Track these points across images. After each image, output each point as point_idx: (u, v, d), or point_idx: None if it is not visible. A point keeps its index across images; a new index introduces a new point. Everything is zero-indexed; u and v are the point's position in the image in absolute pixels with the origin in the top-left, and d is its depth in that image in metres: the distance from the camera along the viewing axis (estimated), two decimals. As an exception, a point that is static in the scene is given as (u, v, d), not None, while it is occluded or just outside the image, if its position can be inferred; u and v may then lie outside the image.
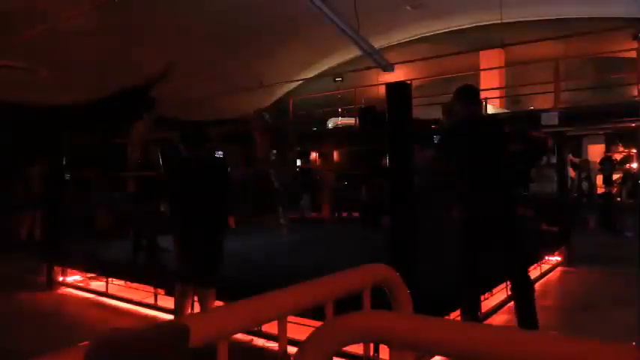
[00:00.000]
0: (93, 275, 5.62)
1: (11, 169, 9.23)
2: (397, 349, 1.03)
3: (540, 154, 4.05)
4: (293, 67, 13.15)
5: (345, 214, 11.07)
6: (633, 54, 8.50)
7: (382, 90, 4.04)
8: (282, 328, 1.26)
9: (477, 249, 3.20)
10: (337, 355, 1.06)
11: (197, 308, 3.69)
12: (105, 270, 5.30)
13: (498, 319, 4.13)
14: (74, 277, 5.69)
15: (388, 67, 10.57)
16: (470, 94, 3.36)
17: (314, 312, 1.36)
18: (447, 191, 3.60)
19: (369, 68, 11.54)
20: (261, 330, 3.58)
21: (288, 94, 13.73)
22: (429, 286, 3.24)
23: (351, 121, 12.06)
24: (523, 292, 3.10)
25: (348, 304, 1.34)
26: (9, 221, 8.97)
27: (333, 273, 1.42)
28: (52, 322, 4.36)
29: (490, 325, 1.06)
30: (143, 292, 4.81)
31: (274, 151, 6.67)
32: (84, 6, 6.95)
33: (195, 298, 3.63)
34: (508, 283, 4.34)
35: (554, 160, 7.53)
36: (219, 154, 7.06)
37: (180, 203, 3.59)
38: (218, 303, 3.60)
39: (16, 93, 9.15)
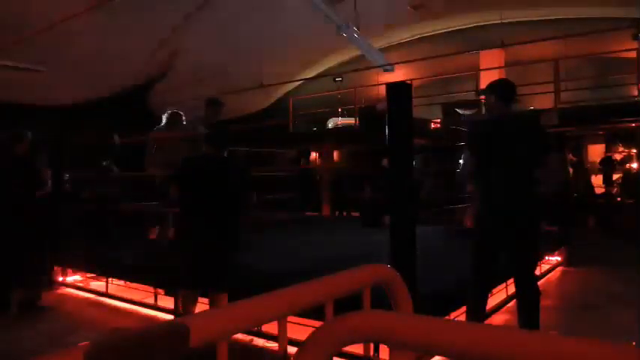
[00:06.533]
0: (93, 275, 5.62)
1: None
2: (397, 349, 1.02)
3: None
4: (293, 67, 13.15)
5: (344, 214, 11.09)
6: (633, 54, 8.49)
7: (382, 90, 4.04)
8: (282, 328, 1.26)
9: (490, 249, 3.18)
10: (337, 355, 1.06)
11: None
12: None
13: (498, 319, 4.13)
14: (74, 277, 5.69)
15: (388, 67, 10.57)
16: (498, 90, 3.25)
17: (314, 312, 1.36)
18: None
19: (369, 68, 11.56)
20: (261, 330, 3.58)
21: (288, 94, 13.73)
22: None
23: (351, 121, 12.06)
24: (529, 294, 3.09)
25: (348, 304, 1.33)
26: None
27: (333, 273, 1.42)
28: (51, 322, 4.36)
29: (490, 325, 1.06)
30: (143, 292, 4.81)
31: None
32: (84, 6, 6.95)
33: (207, 301, 3.59)
34: (507, 282, 4.38)
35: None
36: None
37: (192, 203, 3.49)
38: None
39: (16, 93, 9.15)
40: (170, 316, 4.28)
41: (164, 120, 5.43)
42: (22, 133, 4.79)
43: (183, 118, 5.41)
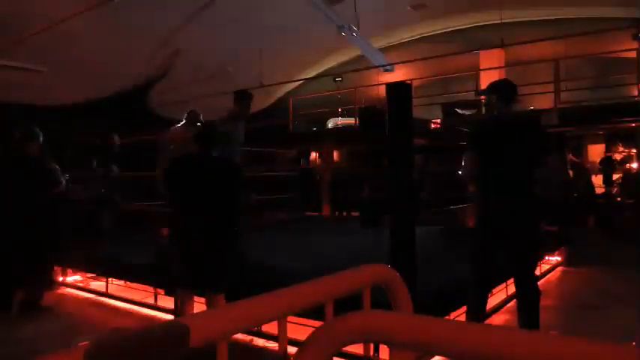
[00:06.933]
0: (93, 275, 5.62)
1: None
2: (397, 349, 1.02)
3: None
4: (293, 67, 13.15)
5: (344, 214, 11.08)
6: (633, 54, 8.50)
7: (382, 90, 4.04)
8: (282, 328, 1.26)
9: (490, 249, 3.18)
10: (337, 355, 1.05)
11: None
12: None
13: (498, 319, 4.13)
14: (74, 277, 5.69)
15: (388, 67, 10.58)
16: (499, 90, 3.25)
17: (314, 312, 1.36)
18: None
19: (369, 68, 11.56)
20: (261, 330, 3.58)
21: (288, 94, 13.74)
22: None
23: (351, 121, 12.06)
24: (529, 294, 3.09)
25: (348, 304, 1.33)
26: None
27: (333, 273, 1.42)
28: (52, 322, 4.35)
29: (490, 325, 1.06)
30: (143, 292, 4.81)
31: None
32: (84, 6, 6.95)
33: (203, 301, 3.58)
34: (507, 283, 4.38)
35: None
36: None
37: (186, 203, 3.46)
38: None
39: (16, 93, 9.15)
40: (170, 316, 4.28)
41: (183, 120, 5.48)
42: (33, 132, 4.61)
43: (201, 117, 5.45)
